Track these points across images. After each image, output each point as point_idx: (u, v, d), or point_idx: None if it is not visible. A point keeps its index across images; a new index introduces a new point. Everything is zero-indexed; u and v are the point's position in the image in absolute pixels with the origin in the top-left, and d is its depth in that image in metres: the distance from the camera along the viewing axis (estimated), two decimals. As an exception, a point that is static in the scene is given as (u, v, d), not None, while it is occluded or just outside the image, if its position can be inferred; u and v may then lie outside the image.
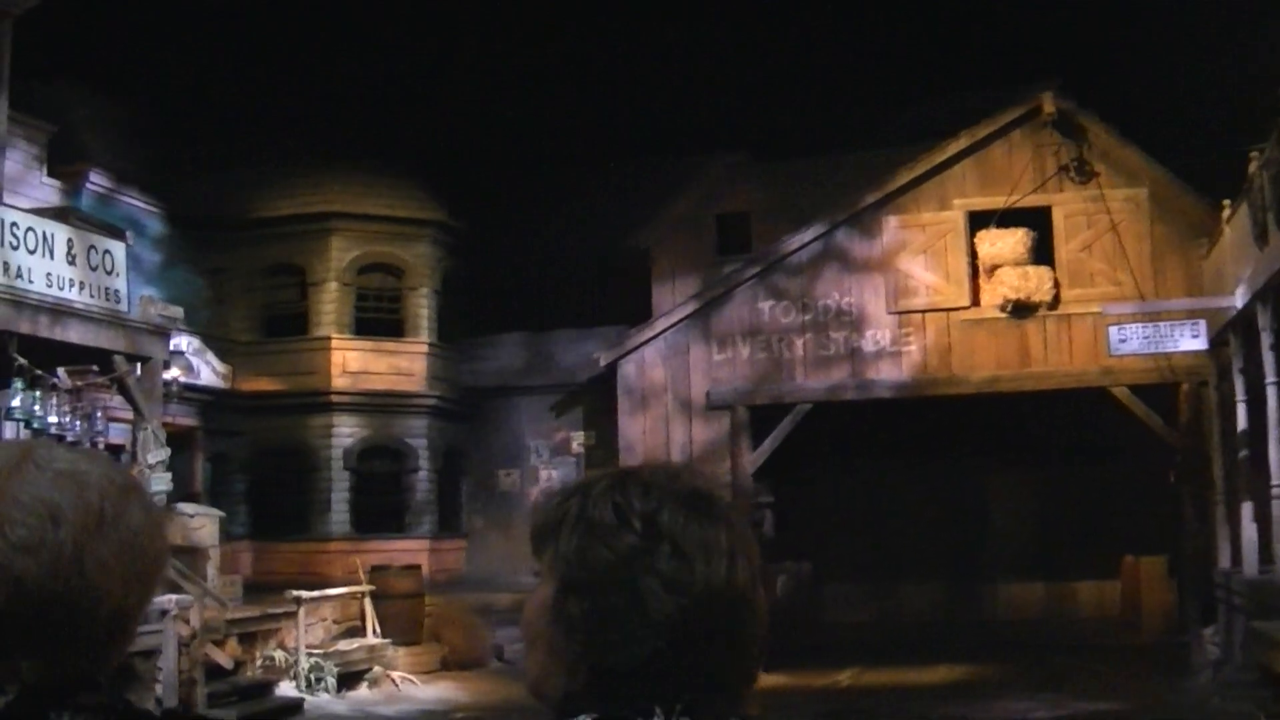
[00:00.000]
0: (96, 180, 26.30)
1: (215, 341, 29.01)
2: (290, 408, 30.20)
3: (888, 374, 25.74)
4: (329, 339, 30.45)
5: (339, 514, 29.89)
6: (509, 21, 46.19)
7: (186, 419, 27.61)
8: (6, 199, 18.57)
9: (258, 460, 30.46)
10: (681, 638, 1.89)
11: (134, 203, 27.41)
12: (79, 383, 18.65)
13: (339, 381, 30.28)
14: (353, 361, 30.51)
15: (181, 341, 26.32)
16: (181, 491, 26.13)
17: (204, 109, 32.47)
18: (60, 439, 17.16)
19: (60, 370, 18.54)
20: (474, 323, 32.88)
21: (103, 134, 27.08)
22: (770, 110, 39.77)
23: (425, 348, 31.30)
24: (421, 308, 31.45)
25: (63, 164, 24.60)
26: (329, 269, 30.67)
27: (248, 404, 29.92)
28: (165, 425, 24.89)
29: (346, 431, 30.31)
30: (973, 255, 25.53)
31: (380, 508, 30.34)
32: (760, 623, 2.01)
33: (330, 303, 30.63)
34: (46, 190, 23.12)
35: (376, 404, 30.58)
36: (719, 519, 1.99)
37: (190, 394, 27.21)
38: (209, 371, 28.10)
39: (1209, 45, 31.08)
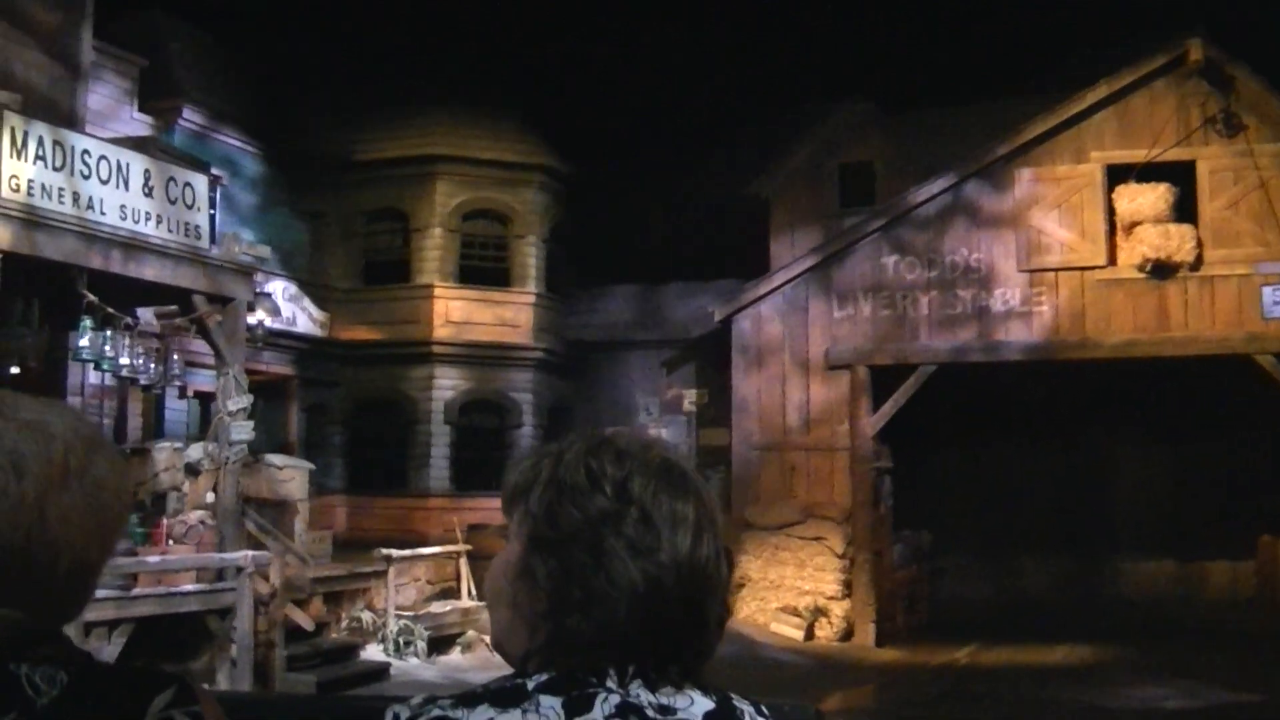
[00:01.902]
0: (190, 117, 25.40)
1: (313, 288, 28.25)
2: (390, 358, 29.39)
3: (1017, 335, 24.95)
4: (432, 287, 29.51)
5: (438, 469, 29.03)
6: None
7: (282, 367, 27.03)
8: (94, 134, 17.70)
9: (355, 412, 29.75)
10: (643, 604, 1.94)
11: (230, 141, 26.54)
12: (164, 325, 17.98)
13: (441, 332, 29.35)
14: (456, 311, 29.57)
15: (278, 287, 25.78)
16: (276, 442, 25.76)
17: (305, 46, 31.67)
18: (133, 381, 16.57)
19: (147, 311, 17.84)
20: (583, 273, 31.99)
21: (198, 69, 26.27)
22: (897, 57, 38.66)
23: (532, 298, 30.33)
24: (529, 256, 30.47)
25: (155, 99, 23.78)
26: (433, 214, 29.74)
27: (346, 353, 29.24)
28: (260, 373, 24.35)
29: (448, 384, 29.41)
30: (1110, 211, 24.64)
31: (481, 464, 29.32)
32: (722, 599, 2.06)
33: (434, 250, 29.71)
34: (137, 126, 22.34)
35: (480, 356, 29.66)
36: (689, 492, 2.05)
37: (286, 341, 26.58)
38: (306, 319, 27.44)
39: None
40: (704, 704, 1.98)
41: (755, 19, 41.67)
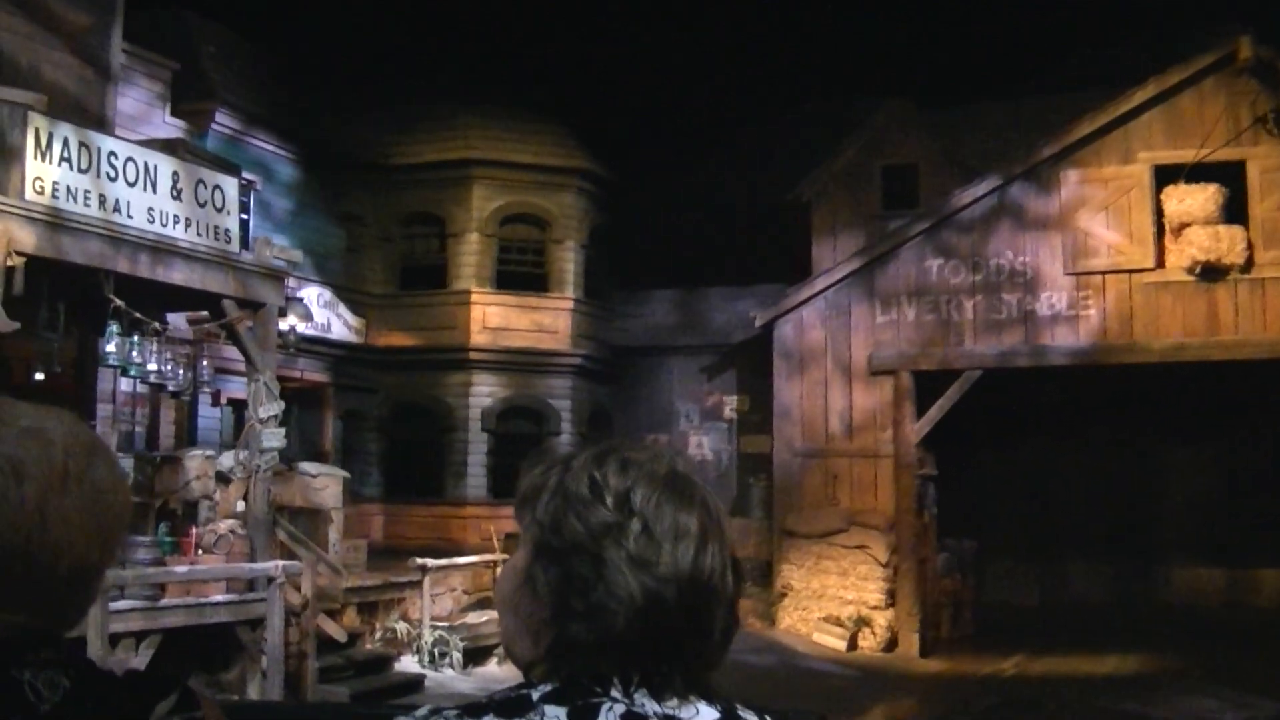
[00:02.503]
0: (224, 121, 25.17)
1: (349, 293, 28.07)
2: (427, 364, 29.16)
3: (1063, 340, 24.65)
4: (469, 293, 29.30)
5: (475, 477, 28.79)
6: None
7: (317, 374, 26.84)
8: (125, 137, 17.46)
9: (392, 419, 29.54)
10: (645, 615, 1.94)
11: (264, 145, 26.29)
12: (195, 330, 17.74)
13: (478, 338, 29.14)
14: (493, 317, 29.35)
15: (312, 292, 25.53)
16: (312, 450, 25.49)
17: (340, 48, 31.52)
18: (161, 388, 16.33)
19: (180, 317, 17.59)
20: (622, 278, 31.71)
21: (231, 72, 26.04)
22: (939, 53, 38.27)
23: (570, 304, 30.11)
24: (567, 261, 30.23)
25: (187, 103, 23.56)
26: (470, 219, 29.53)
27: (382, 359, 29.03)
28: (295, 380, 24.12)
29: (485, 390, 29.20)
30: (1158, 213, 24.22)
31: (519, 472, 29.09)
32: (728, 610, 2.05)
33: (471, 255, 29.51)
34: (169, 130, 22.04)
35: (517, 362, 29.44)
36: (694, 503, 2.03)
37: (321, 348, 26.33)
38: (341, 325, 27.26)
39: None
40: (709, 713, 1.99)
41: (794, 19, 41.38)
